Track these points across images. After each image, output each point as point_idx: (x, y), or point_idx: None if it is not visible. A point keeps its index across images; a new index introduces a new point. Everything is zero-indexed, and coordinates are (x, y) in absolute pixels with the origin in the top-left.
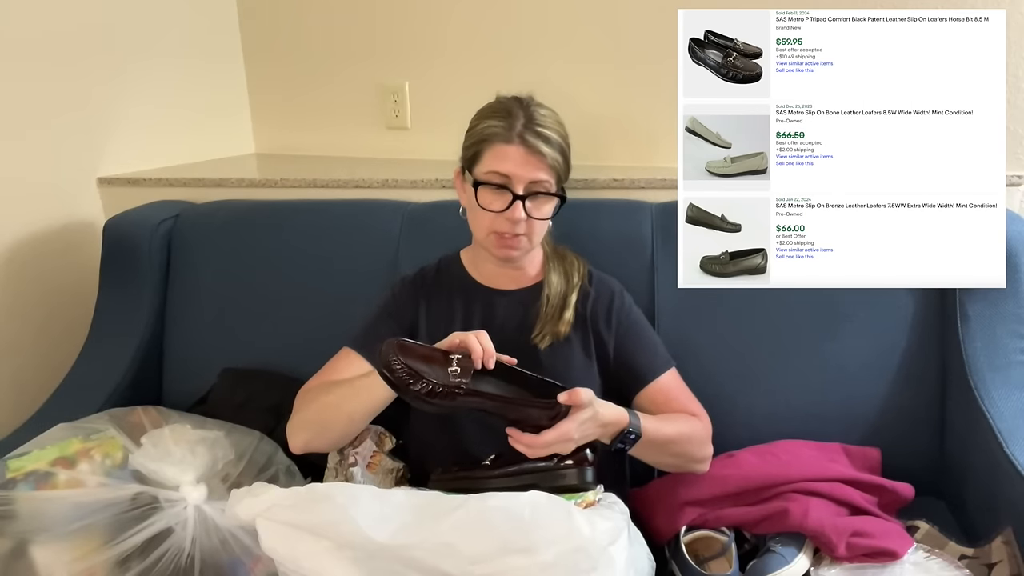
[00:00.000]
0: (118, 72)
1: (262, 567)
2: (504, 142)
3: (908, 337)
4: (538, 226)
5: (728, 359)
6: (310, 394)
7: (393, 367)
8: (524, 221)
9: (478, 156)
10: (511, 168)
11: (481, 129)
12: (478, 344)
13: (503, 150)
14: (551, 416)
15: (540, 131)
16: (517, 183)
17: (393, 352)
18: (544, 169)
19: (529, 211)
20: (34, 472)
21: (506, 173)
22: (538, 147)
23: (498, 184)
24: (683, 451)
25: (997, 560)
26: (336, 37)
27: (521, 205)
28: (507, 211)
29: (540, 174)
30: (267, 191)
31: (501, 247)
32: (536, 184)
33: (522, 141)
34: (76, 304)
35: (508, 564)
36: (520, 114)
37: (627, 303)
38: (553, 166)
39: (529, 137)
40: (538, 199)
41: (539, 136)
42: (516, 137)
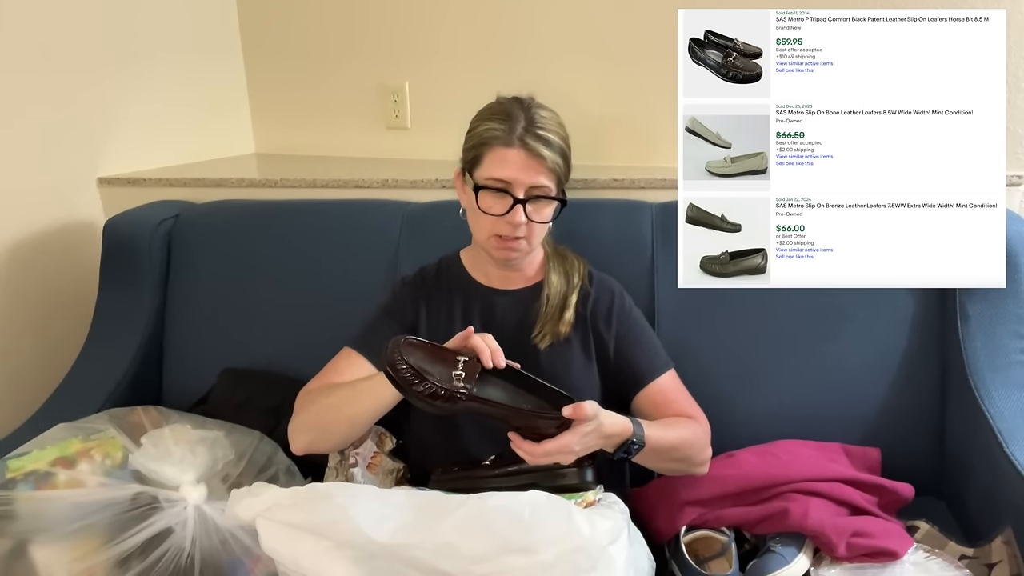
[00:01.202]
0: (118, 72)
1: (262, 567)
2: (504, 145)
3: (908, 337)
4: (538, 229)
5: (728, 359)
6: (311, 396)
7: (398, 366)
8: (524, 224)
9: (479, 159)
10: (511, 173)
11: (481, 132)
12: (485, 345)
13: (503, 154)
14: (556, 426)
15: (541, 134)
16: (518, 187)
17: (398, 350)
18: (544, 173)
19: (530, 215)
20: (34, 472)
21: (507, 178)
22: (539, 151)
23: (499, 188)
24: (684, 456)
25: (997, 560)
26: (336, 37)
27: (522, 209)
28: (507, 215)
29: (540, 178)
30: (267, 191)
31: (501, 249)
32: (537, 188)
33: (523, 145)
34: (76, 304)
35: (508, 564)
36: (521, 116)
37: (627, 304)
38: (553, 169)
39: (530, 140)
40: (539, 203)
41: (540, 139)
42: (517, 141)
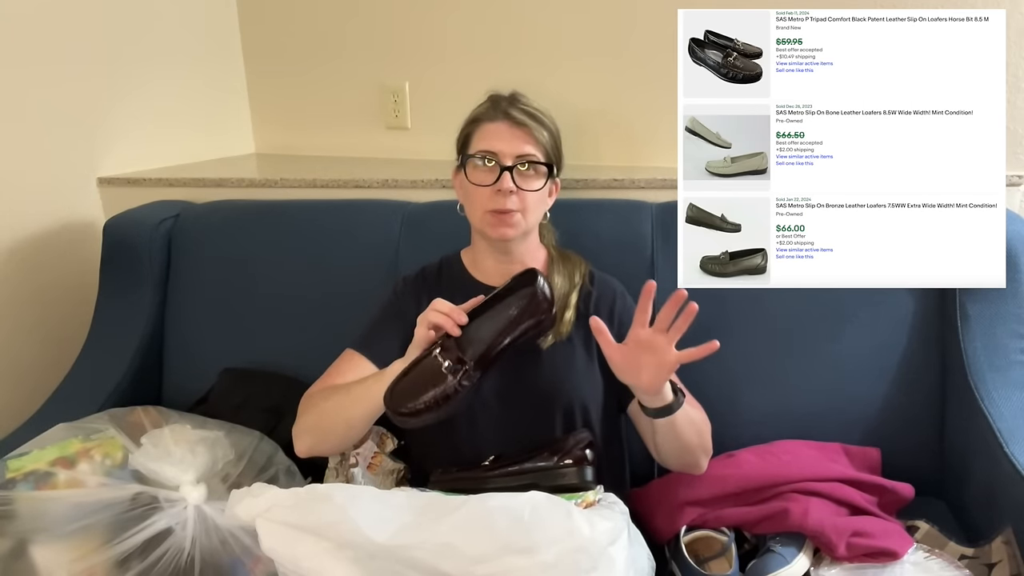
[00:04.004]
0: (118, 72)
1: (262, 567)
2: (490, 120)
3: (908, 337)
4: (531, 201)
5: (728, 359)
6: (312, 399)
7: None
8: (516, 195)
9: (468, 139)
10: (497, 144)
11: (470, 116)
12: (443, 318)
13: (489, 128)
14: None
15: (525, 108)
16: (504, 157)
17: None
18: (531, 143)
19: (519, 183)
20: (34, 472)
21: (493, 149)
22: (523, 120)
23: (486, 158)
24: (699, 433)
25: (997, 560)
26: (336, 37)
27: (510, 176)
28: (496, 183)
29: (527, 147)
30: (267, 191)
31: (497, 226)
32: (524, 157)
33: (506, 116)
34: (76, 304)
35: (508, 564)
36: (505, 97)
37: (628, 303)
38: (539, 140)
39: (513, 112)
40: (527, 172)
41: (524, 112)
42: (501, 114)
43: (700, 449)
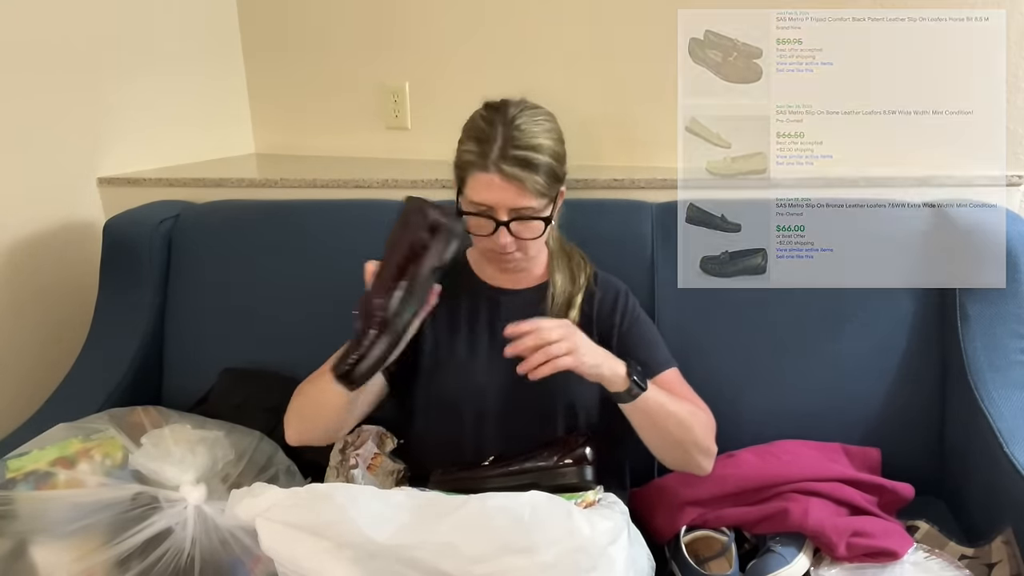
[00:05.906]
0: (118, 72)
1: (262, 567)
2: (481, 170)
3: (908, 337)
4: (531, 242)
5: (728, 359)
6: (299, 387)
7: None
8: (513, 242)
9: (463, 182)
10: (490, 198)
11: (460, 154)
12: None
13: (482, 179)
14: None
15: (518, 155)
16: (499, 211)
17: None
18: (525, 195)
19: (516, 234)
20: (34, 472)
21: (486, 203)
22: (516, 175)
23: (481, 212)
24: (687, 428)
25: (997, 560)
26: (336, 37)
27: (506, 230)
28: (493, 236)
29: (521, 201)
30: (267, 191)
31: (496, 262)
32: (519, 211)
33: (498, 170)
34: (76, 304)
35: (508, 564)
36: (498, 136)
37: (631, 304)
38: (535, 189)
39: (505, 166)
40: (524, 221)
41: (517, 162)
42: (492, 166)
43: (692, 445)
